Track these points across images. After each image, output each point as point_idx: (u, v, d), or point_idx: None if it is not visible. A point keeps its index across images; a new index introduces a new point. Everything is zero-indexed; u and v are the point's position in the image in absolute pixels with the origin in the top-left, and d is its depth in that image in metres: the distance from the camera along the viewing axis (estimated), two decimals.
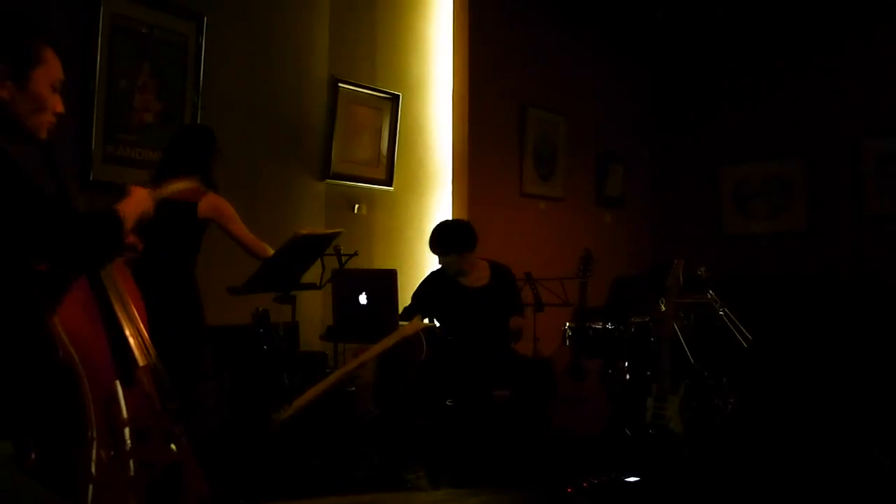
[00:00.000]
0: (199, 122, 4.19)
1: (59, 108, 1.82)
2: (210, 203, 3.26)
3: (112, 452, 1.76)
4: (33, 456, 1.67)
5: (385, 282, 4.30)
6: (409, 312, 4.24)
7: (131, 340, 1.93)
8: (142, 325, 1.98)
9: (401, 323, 4.09)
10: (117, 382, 1.84)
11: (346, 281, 4.12)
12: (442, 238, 4.23)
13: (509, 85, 6.07)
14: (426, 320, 4.18)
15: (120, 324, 1.92)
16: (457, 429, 3.95)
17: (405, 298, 4.37)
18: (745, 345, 4.02)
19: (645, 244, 7.33)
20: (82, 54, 3.76)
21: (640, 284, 5.72)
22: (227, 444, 3.55)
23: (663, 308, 4.03)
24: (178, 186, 2.53)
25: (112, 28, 3.86)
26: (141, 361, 1.92)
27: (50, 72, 1.78)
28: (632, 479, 3.26)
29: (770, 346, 4.69)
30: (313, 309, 4.64)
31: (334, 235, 3.71)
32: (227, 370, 3.82)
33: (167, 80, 4.12)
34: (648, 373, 4.18)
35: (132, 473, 1.78)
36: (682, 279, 4.02)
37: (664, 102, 7.49)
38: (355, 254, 3.91)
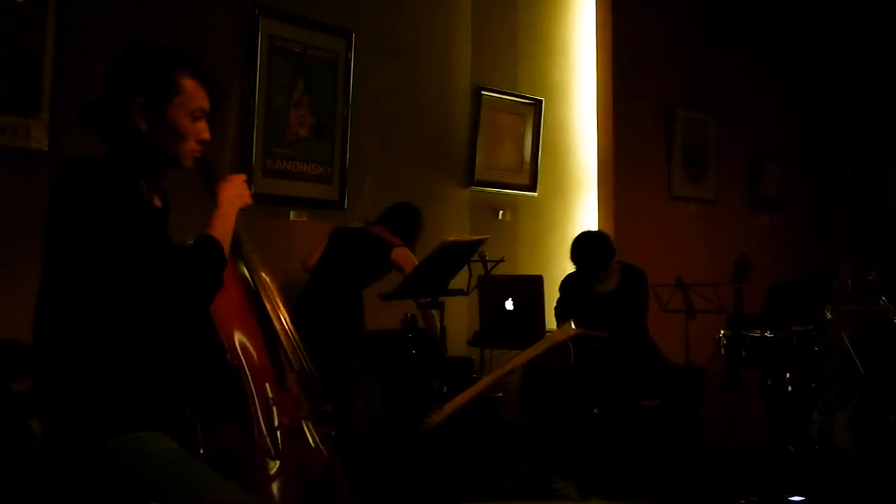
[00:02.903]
0: (349, 133, 4.36)
1: (205, 135, 1.77)
2: (405, 254, 3.72)
3: (272, 452, 1.81)
4: (202, 451, 1.72)
5: (531, 288, 4.29)
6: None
7: (284, 344, 1.95)
8: (293, 329, 1.99)
9: (547, 331, 4.06)
10: (271, 385, 1.87)
11: (493, 287, 4.14)
12: (589, 259, 4.08)
13: (655, 85, 5.89)
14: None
15: (273, 328, 1.94)
16: (604, 438, 3.87)
17: (551, 304, 4.33)
18: None
19: (805, 247, 6.88)
20: (243, 75, 3.99)
21: (801, 290, 5.38)
22: (377, 450, 3.66)
23: (829, 316, 3.78)
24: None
25: (269, 48, 4.07)
26: (295, 365, 1.95)
27: (188, 101, 1.73)
28: (796, 498, 3.07)
29: None
30: (460, 315, 4.69)
31: (480, 242, 3.74)
32: (378, 376, 3.94)
33: (319, 95, 4.30)
34: (813, 385, 3.93)
35: (290, 473, 1.82)
36: (850, 285, 3.76)
37: (823, 95, 7.01)
38: (501, 260, 3.91)
